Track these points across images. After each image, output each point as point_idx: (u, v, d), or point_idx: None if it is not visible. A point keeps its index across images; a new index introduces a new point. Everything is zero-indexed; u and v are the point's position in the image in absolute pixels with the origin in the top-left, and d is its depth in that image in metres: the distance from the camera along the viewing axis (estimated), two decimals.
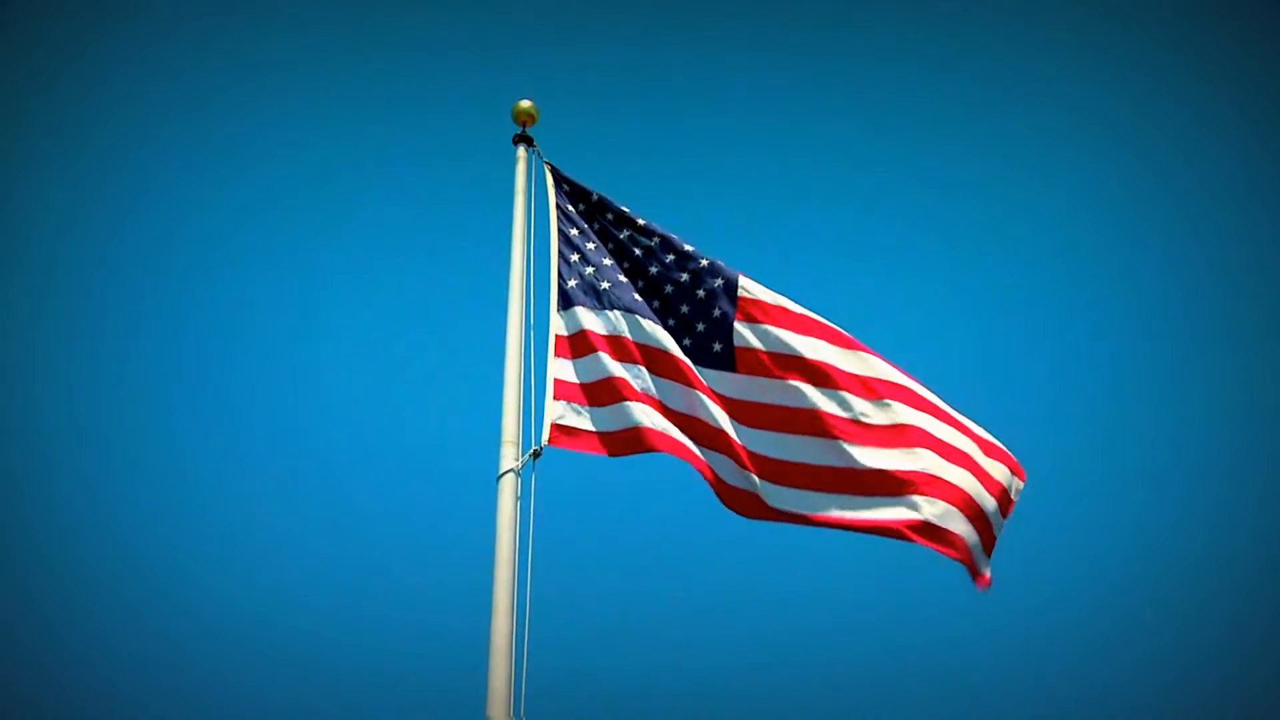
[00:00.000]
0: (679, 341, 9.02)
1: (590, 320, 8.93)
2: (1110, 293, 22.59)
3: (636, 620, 17.91)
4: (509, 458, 8.10)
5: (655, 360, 8.87)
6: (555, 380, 8.56)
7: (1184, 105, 22.07)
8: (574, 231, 9.40)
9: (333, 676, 17.00)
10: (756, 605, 18.01)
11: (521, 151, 9.79)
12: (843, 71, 23.49)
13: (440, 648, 15.69)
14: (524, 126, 9.91)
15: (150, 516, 18.77)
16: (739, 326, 9.02)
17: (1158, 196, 22.40)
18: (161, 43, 20.85)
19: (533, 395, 8.50)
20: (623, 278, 9.22)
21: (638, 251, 9.38)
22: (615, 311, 9.03)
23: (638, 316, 9.02)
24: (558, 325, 8.85)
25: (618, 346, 8.86)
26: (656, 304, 9.19)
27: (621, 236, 9.45)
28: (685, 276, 9.24)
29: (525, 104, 9.94)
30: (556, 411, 8.41)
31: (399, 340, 22.51)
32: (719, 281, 9.16)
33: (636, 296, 9.14)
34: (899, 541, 8.54)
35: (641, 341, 8.93)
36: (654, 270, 9.31)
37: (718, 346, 9.02)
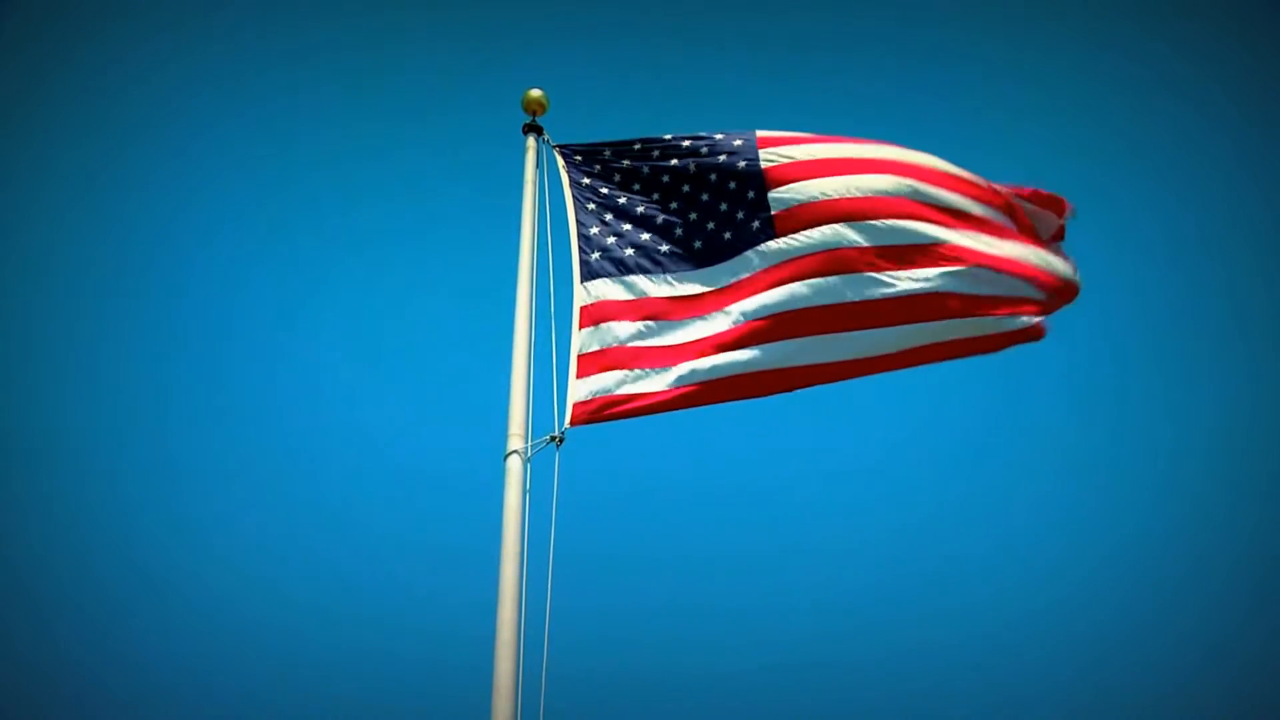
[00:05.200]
0: (719, 239, 8.97)
1: (613, 289, 8.81)
2: (1110, 292, 22.57)
3: (648, 617, 17.81)
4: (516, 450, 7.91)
5: (677, 308, 8.76)
6: (579, 356, 8.40)
7: (1185, 103, 22.11)
8: (591, 204, 9.28)
9: (336, 676, 16.94)
10: (774, 602, 17.95)
11: (531, 141, 9.65)
12: (850, 69, 23.48)
13: (449, 645, 15.59)
14: (534, 115, 9.78)
15: (146, 514, 18.68)
16: (772, 194, 9.00)
17: (1159, 195, 22.42)
18: (174, 31, 20.82)
19: (554, 384, 8.31)
20: (645, 234, 9.12)
21: (664, 179, 9.30)
22: (640, 275, 8.92)
23: (663, 273, 8.94)
24: (581, 297, 8.70)
25: (642, 309, 8.74)
26: (683, 230, 9.08)
27: (644, 173, 9.39)
28: (714, 176, 9.20)
29: (535, 93, 9.80)
30: (580, 391, 8.24)
31: (409, 337, 22.41)
32: (742, 163, 9.13)
33: (663, 244, 9.06)
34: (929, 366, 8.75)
35: (666, 295, 8.83)
36: (683, 190, 9.24)
37: (756, 224, 8.97)
